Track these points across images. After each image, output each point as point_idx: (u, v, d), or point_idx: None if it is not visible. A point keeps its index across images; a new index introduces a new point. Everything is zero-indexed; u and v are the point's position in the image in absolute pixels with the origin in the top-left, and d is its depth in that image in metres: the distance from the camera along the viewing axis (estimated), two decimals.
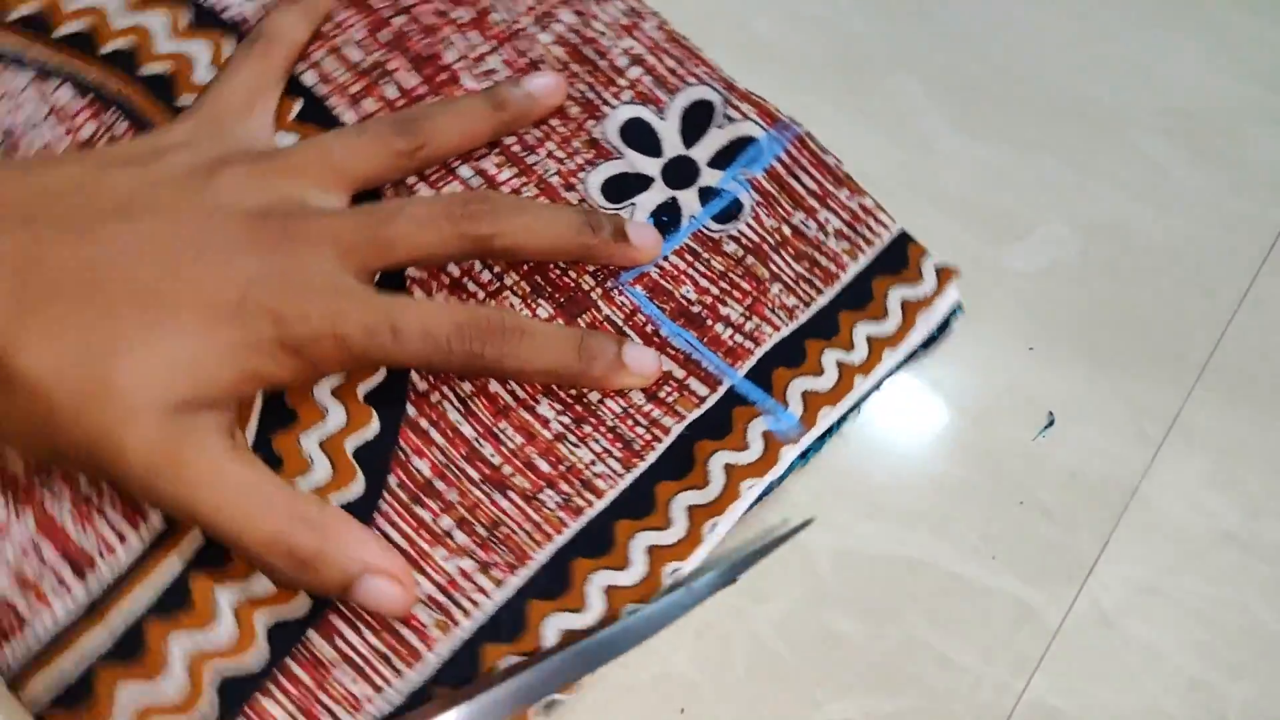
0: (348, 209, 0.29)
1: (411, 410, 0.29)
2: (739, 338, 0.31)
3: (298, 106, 0.32)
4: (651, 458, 0.29)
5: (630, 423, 0.30)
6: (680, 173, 0.33)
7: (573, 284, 0.31)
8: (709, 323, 0.31)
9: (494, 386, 0.29)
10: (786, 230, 0.32)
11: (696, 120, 0.34)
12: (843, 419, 0.31)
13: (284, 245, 0.26)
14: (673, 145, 0.33)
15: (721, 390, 0.30)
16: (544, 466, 0.29)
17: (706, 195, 0.33)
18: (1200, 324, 0.34)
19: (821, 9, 0.39)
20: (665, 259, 0.32)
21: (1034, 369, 0.33)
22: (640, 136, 0.33)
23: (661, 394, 0.30)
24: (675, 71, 0.34)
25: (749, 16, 0.39)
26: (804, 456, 0.30)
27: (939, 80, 0.38)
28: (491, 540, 0.28)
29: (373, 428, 0.28)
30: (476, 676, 0.26)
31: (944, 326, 0.33)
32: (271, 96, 0.32)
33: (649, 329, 0.31)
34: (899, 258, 0.33)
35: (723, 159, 0.33)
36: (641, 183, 0.33)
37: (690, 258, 0.32)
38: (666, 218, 0.32)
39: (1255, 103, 0.38)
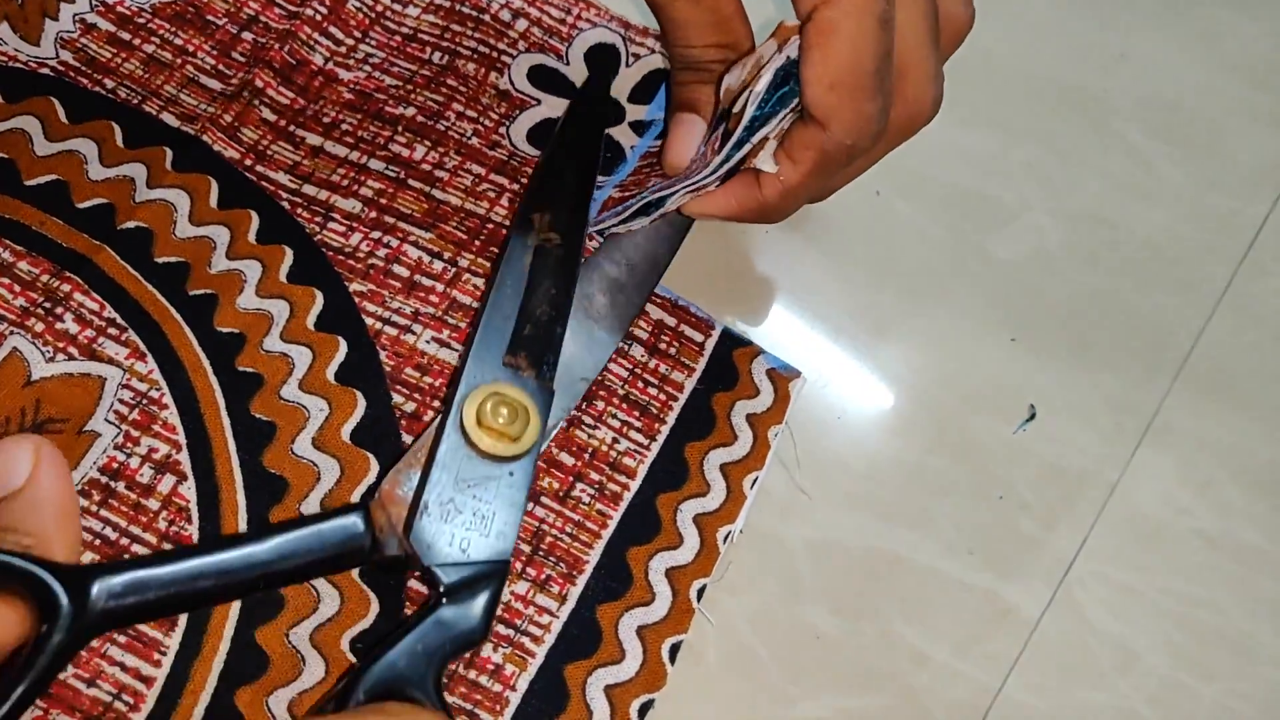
0: None
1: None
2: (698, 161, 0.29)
3: (169, 156, 0.29)
4: (671, 419, 0.28)
5: (641, 385, 0.29)
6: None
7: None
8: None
9: None
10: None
11: (603, 62, 0.33)
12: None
13: None
14: None
15: (716, 334, 0.30)
16: (567, 460, 0.28)
17: (639, 127, 0.32)
18: (1179, 320, 0.34)
19: None
20: (624, 181, 0.31)
21: (1015, 361, 0.32)
22: (551, 82, 0.32)
23: (661, 345, 0.29)
24: (564, 21, 0.33)
25: None
26: None
27: None
28: (539, 554, 0.27)
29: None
30: (568, 701, 0.25)
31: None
32: None
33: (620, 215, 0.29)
34: None
35: (641, 93, 0.32)
36: None
37: (648, 169, 0.31)
38: (610, 154, 0.31)
39: (1236, 98, 0.38)
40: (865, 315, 0.32)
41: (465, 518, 0.24)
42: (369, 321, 0.28)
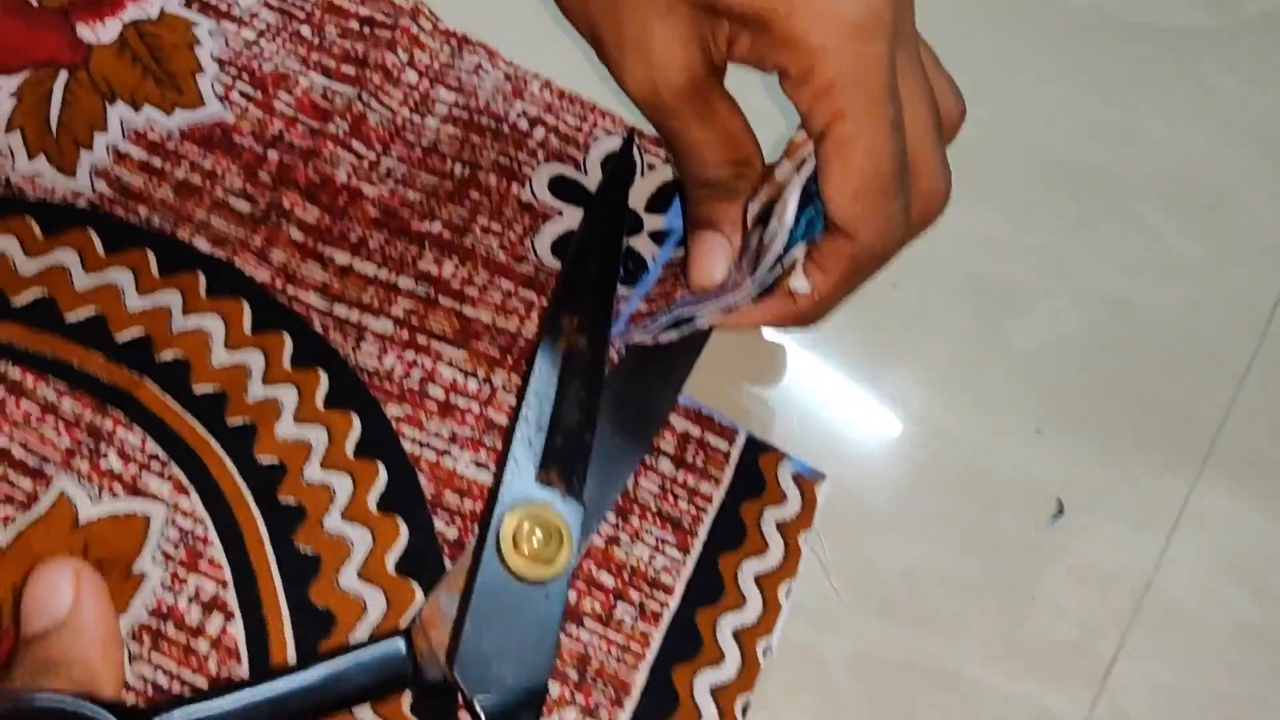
0: None
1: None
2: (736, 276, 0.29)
3: (202, 282, 0.30)
4: (703, 531, 0.29)
5: (671, 499, 0.29)
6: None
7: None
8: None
9: None
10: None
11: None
12: None
13: None
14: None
15: (740, 440, 0.30)
16: (608, 580, 0.28)
17: (658, 237, 0.32)
18: (1204, 401, 0.34)
19: None
20: (649, 294, 0.31)
21: (1042, 452, 0.32)
22: (571, 192, 0.33)
23: (687, 457, 0.29)
24: (580, 129, 0.34)
25: (741, 89, 0.37)
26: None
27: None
28: (585, 681, 0.27)
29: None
30: None
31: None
32: None
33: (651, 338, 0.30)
34: None
35: (657, 203, 0.33)
36: None
37: (673, 280, 0.31)
38: (631, 264, 0.32)
39: (1247, 168, 0.38)
40: (888, 413, 0.32)
41: (503, 643, 0.24)
42: (408, 446, 0.29)
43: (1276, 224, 0.37)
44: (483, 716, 0.24)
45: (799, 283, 0.25)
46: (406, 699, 0.26)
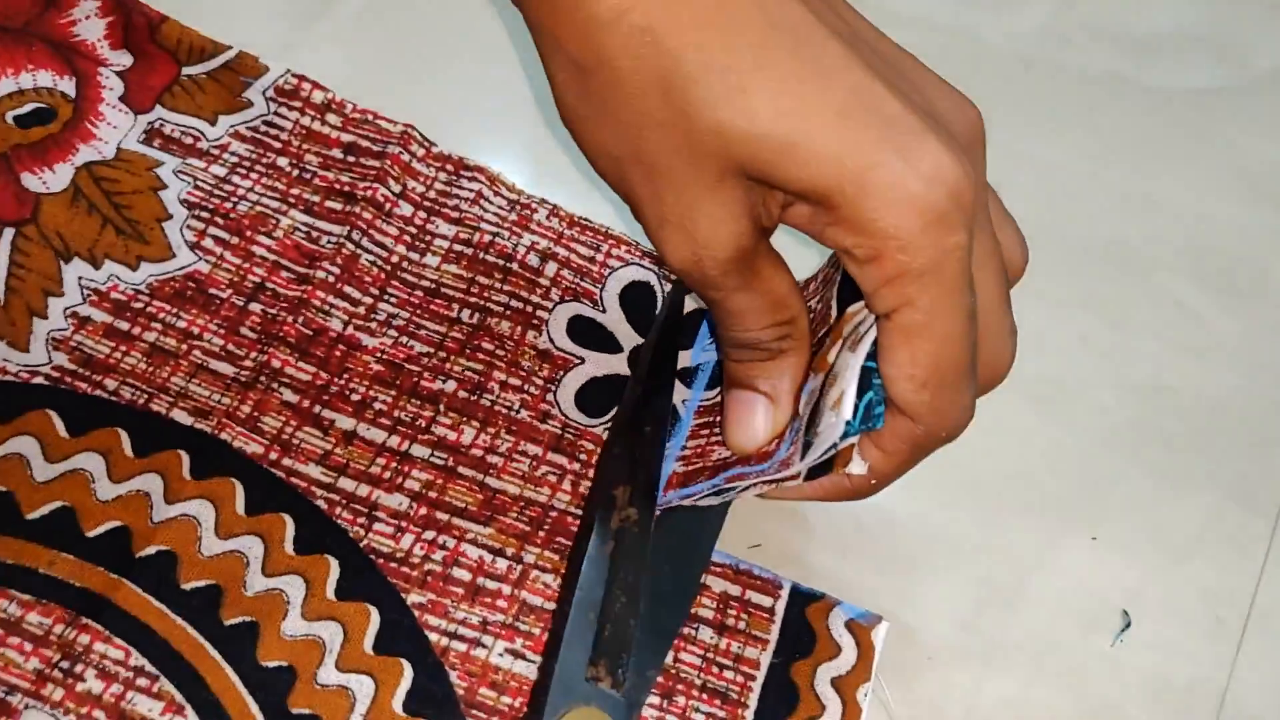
0: None
1: None
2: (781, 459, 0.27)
3: (185, 461, 0.27)
4: (754, 701, 0.27)
5: (716, 670, 0.27)
6: None
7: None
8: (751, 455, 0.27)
9: None
10: None
11: (638, 303, 0.31)
12: None
13: None
14: (627, 336, 0.30)
15: (785, 594, 0.28)
16: None
17: (686, 375, 0.30)
18: (1261, 487, 0.32)
19: None
20: (684, 448, 0.28)
21: (1100, 561, 0.31)
22: (590, 335, 0.30)
23: (729, 621, 0.27)
24: (594, 259, 0.31)
25: None
26: None
27: None
28: None
29: None
30: None
31: None
32: None
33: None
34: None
35: (685, 335, 0.31)
36: (617, 384, 0.30)
37: (705, 432, 0.28)
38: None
39: (1277, 232, 0.37)
40: (939, 537, 0.31)
41: None
42: (433, 638, 0.26)
43: None
44: None
45: (857, 468, 0.23)
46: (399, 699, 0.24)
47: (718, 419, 0.28)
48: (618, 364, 0.30)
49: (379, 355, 0.29)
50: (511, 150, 0.35)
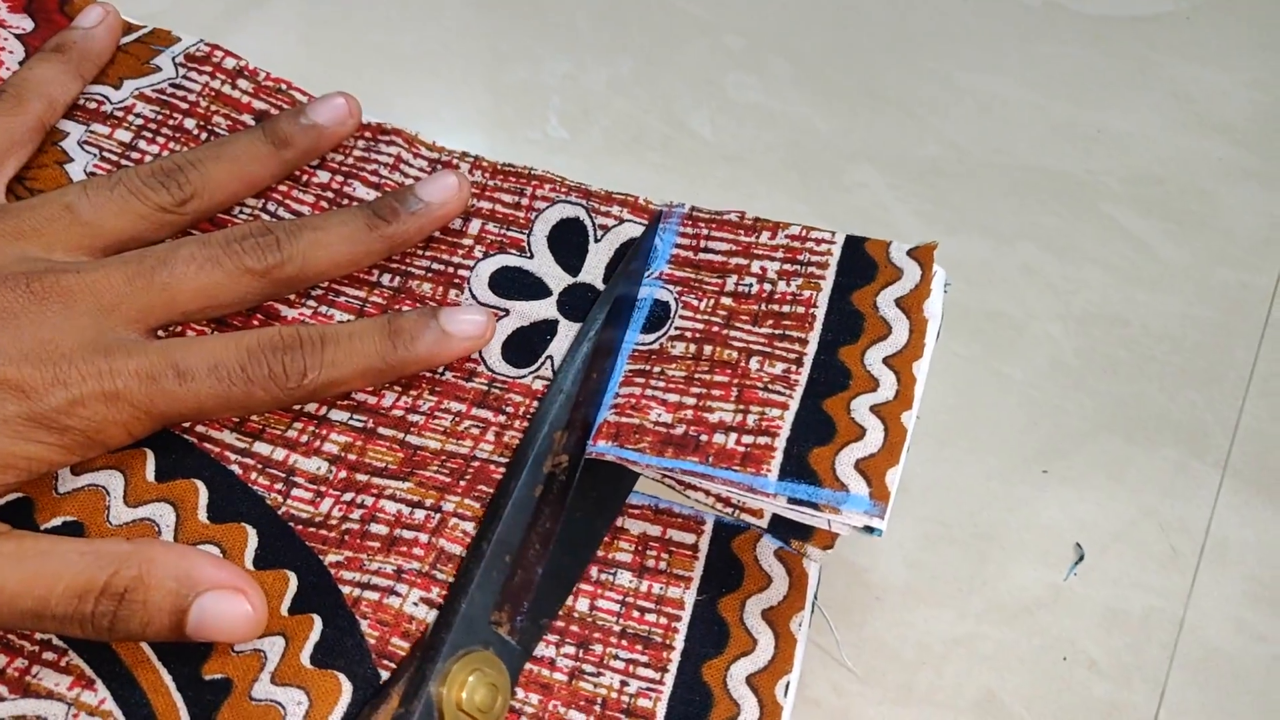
0: (109, 259, 0.26)
1: None
2: (749, 439, 0.25)
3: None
4: (679, 642, 0.25)
5: (636, 614, 0.25)
6: (580, 303, 0.29)
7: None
8: (704, 439, 0.25)
9: None
10: (727, 301, 0.28)
11: (569, 242, 0.29)
12: None
13: (29, 309, 0.24)
14: (557, 279, 0.29)
15: (709, 529, 0.26)
16: (577, 717, 0.24)
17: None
18: (1212, 416, 0.32)
19: (763, 98, 0.35)
20: (617, 395, 0.27)
21: (1051, 495, 0.30)
22: (515, 285, 0.29)
23: (649, 562, 0.26)
24: (519, 205, 0.30)
25: (683, 114, 0.34)
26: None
27: (899, 169, 0.34)
28: None
29: None
30: None
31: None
32: (16, 156, 0.28)
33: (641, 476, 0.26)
34: (864, 263, 0.27)
35: (613, 272, 0.29)
36: (545, 331, 0.28)
37: (641, 380, 0.27)
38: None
39: (1221, 159, 0.36)
40: None
41: None
42: (346, 590, 0.25)
43: (1257, 214, 0.35)
44: None
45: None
46: (307, 653, 0.23)
47: (655, 368, 0.27)
48: (545, 309, 0.29)
49: (297, 325, 0.28)
50: (431, 101, 0.33)
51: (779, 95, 0.35)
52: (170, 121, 0.30)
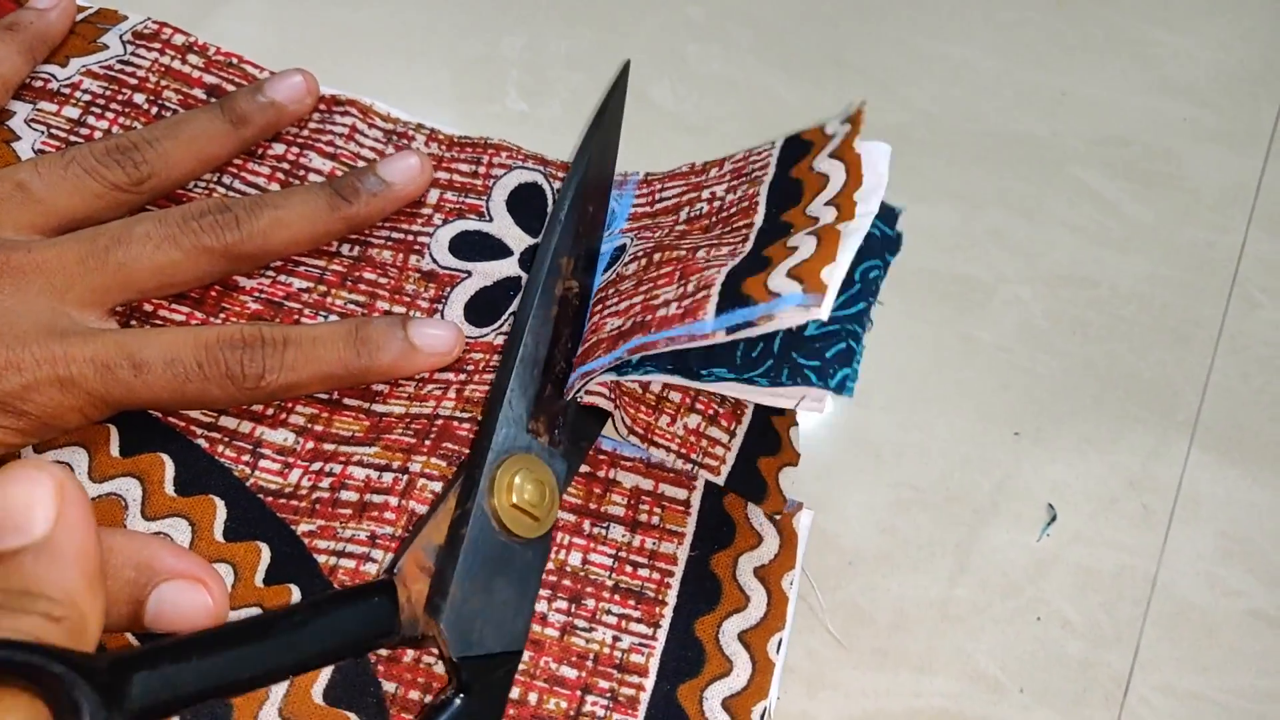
0: (62, 238, 0.25)
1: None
2: (688, 301, 0.24)
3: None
4: (672, 597, 0.25)
5: (629, 569, 0.25)
6: None
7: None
8: (649, 319, 0.24)
9: None
10: (680, 226, 0.28)
11: (528, 205, 0.30)
12: (869, 292, 0.24)
13: None
14: (517, 239, 0.29)
15: (700, 485, 0.27)
16: (570, 673, 0.24)
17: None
18: (1182, 375, 0.32)
19: (725, 68, 0.35)
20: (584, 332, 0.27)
21: (1023, 456, 0.30)
22: (476, 247, 0.29)
23: (641, 517, 0.26)
24: (476, 174, 0.30)
25: (643, 85, 0.34)
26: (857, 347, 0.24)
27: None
28: None
29: None
30: None
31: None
32: None
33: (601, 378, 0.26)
34: (799, 148, 0.27)
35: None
36: (509, 287, 0.28)
37: (599, 308, 0.27)
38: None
39: (1186, 120, 0.36)
40: (856, 440, 0.29)
41: (484, 603, 0.22)
42: (321, 559, 0.24)
43: (1222, 173, 0.35)
44: (460, 678, 0.22)
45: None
46: (319, 685, 0.23)
47: (609, 291, 0.27)
48: (508, 268, 0.29)
49: (256, 295, 0.28)
50: (391, 76, 0.33)
51: (741, 65, 0.35)
52: (119, 97, 0.29)
